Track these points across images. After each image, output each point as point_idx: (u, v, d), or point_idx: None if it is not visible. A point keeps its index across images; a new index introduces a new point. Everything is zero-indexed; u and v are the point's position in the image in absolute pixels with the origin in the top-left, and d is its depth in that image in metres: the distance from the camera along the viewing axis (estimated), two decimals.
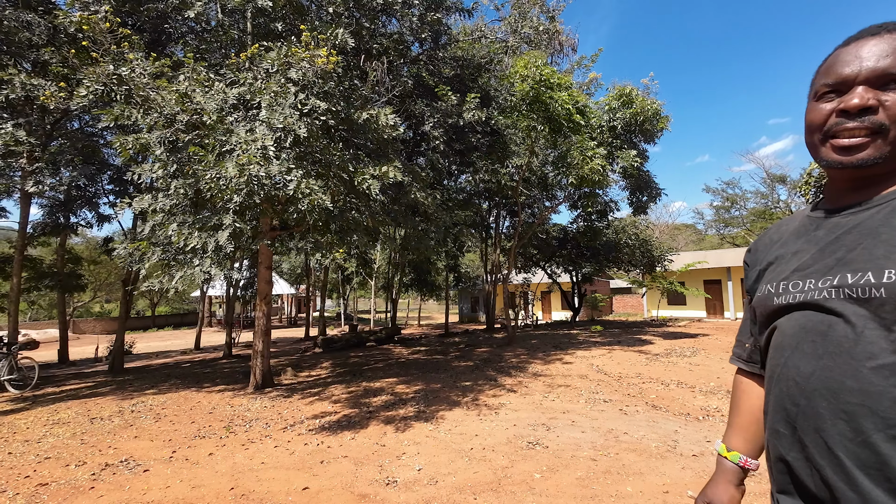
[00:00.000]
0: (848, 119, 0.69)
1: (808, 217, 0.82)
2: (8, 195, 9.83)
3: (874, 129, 0.67)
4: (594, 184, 9.30)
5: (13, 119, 7.83)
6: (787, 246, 0.82)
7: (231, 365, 10.53)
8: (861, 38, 0.71)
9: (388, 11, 7.93)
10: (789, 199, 28.59)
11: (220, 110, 5.45)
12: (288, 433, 4.64)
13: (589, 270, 18.90)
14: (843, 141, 0.70)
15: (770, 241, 0.88)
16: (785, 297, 0.75)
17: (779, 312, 0.76)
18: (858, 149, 0.69)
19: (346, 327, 21.26)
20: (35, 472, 3.78)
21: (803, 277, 0.73)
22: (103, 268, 23.86)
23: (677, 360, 8.16)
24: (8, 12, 7.76)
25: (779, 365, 0.74)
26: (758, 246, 0.91)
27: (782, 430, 0.71)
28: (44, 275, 11.34)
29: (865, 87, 0.68)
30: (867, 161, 0.68)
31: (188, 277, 5.48)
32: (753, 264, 0.90)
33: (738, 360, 0.97)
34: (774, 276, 0.80)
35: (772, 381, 0.76)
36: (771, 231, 0.91)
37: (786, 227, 0.87)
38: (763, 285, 0.82)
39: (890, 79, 0.67)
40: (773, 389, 0.75)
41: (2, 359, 7.59)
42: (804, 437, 0.67)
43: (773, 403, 0.74)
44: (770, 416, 0.75)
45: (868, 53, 0.69)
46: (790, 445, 0.70)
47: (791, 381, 0.70)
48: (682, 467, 3.41)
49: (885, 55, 0.68)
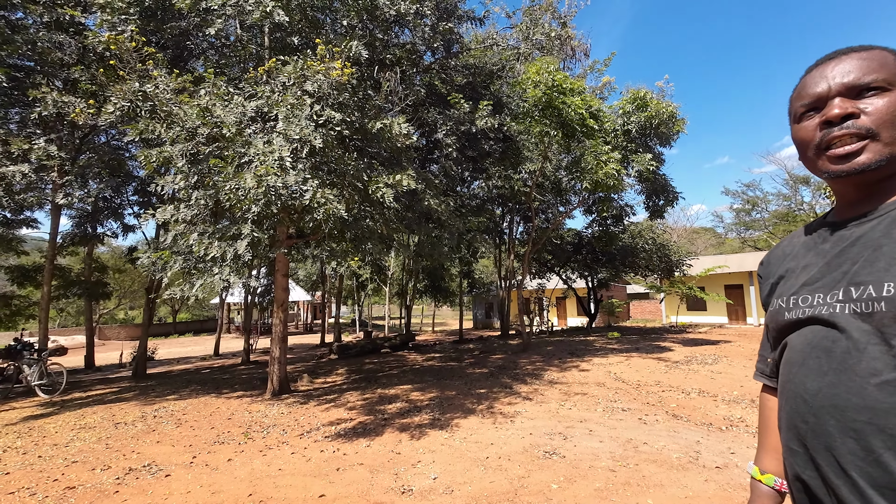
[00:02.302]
0: (832, 128, 0.70)
1: (817, 229, 0.81)
2: (40, 207, 10.29)
3: (863, 134, 0.68)
4: (609, 188, 9.18)
5: (45, 135, 8.21)
6: (798, 259, 0.81)
7: (249, 371, 10.69)
8: (822, 62, 0.75)
9: (401, 22, 8.06)
10: (813, 201, 27.68)
11: (238, 123, 5.60)
12: (304, 440, 4.68)
13: (605, 276, 18.63)
14: (837, 150, 0.70)
15: (782, 253, 0.87)
16: (795, 311, 0.75)
17: (790, 328, 0.76)
18: (854, 155, 0.69)
19: (360, 334, 21.39)
20: (63, 475, 3.91)
21: (812, 292, 0.73)
22: (127, 276, 24.60)
23: (698, 368, 7.95)
24: (42, 34, 8.19)
25: (788, 381, 0.74)
26: (770, 259, 0.91)
27: (796, 448, 0.71)
28: (72, 283, 11.76)
29: (842, 98, 0.70)
30: (867, 166, 0.68)
31: (208, 285, 5.61)
32: (766, 277, 0.89)
33: (762, 375, 0.95)
34: (785, 290, 0.80)
35: (783, 397, 0.76)
36: (783, 243, 0.90)
37: (797, 240, 0.86)
38: (775, 300, 0.82)
39: (861, 88, 0.69)
40: (784, 406, 0.75)
41: (33, 364, 7.89)
42: (816, 456, 0.66)
43: (784, 420, 0.74)
44: (784, 434, 0.75)
45: (833, 72, 0.72)
46: (805, 464, 0.69)
47: (799, 399, 0.70)
48: (705, 480, 3.31)
49: (850, 71, 0.71)
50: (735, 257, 21.31)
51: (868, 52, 0.71)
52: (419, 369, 9.44)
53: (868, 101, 0.69)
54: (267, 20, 6.10)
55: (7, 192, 7.84)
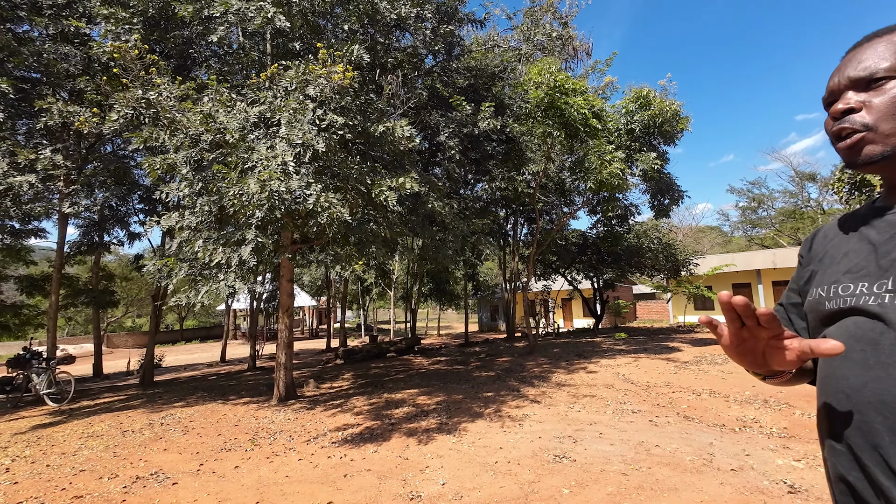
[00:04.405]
0: (836, 122, 0.73)
1: (863, 215, 0.77)
2: (47, 217, 10.39)
3: (860, 128, 0.70)
4: (613, 188, 9.12)
5: (52, 144, 8.29)
6: (840, 246, 0.78)
7: (255, 377, 10.69)
8: (852, 49, 0.76)
9: (402, 26, 8.08)
10: (820, 198, 27.43)
11: (241, 129, 5.62)
12: (311, 446, 4.64)
13: (611, 276, 18.50)
14: (842, 143, 0.72)
15: (825, 236, 0.83)
16: (836, 301, 0.71)
17: (832, 318, 0.72)
18: (856, 146, 0.70)
19: (366, 338, 21.37)
20: (71, 484, 3.90)
21: (854, 280, 0.69)
22: (134, 284, 24.79)
23: (708, 368, 7.84)
24: (48, 45, 8.29)
25: (826, 377, 0.70)
26: (814, 242, 0.86)
27: (838, 447, 0.66)
28: (80, 292, 11.84)
29: (854, 92, 0.72)
30: (870, 158, 0.69)
31: (213, 292, 5.61)
32: (807, 262, 0.85)
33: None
34: (825, 278, 0.76)
35: (822, 394, 0.71)
36: (828, 226, 0.86)
37: (842, 224, 0.82)
38: (814, 288, 0.78)
39: (868, 81, 0.70)
40: (823, 403, 0.71)
41: (41, 373, 7.93)
42: (862, 456, 0.62)
43: (824, 417, 0.70)
44: (824, 432, 0.70)
45: (847, 65, 0.74)
46: (850, 465, 0.65)
47: (841, 394, 0.66)
48: (720, 483, 3.23)
49: (861, 62, 0.72)
50: (742, 255, 21.10)
51: (894, 35, 0.70)
52: (425, 373, 9.39)
53: (873, 92, 0.70)
54: (269, 26, 6.13)
55: (15, 202, 7.91)
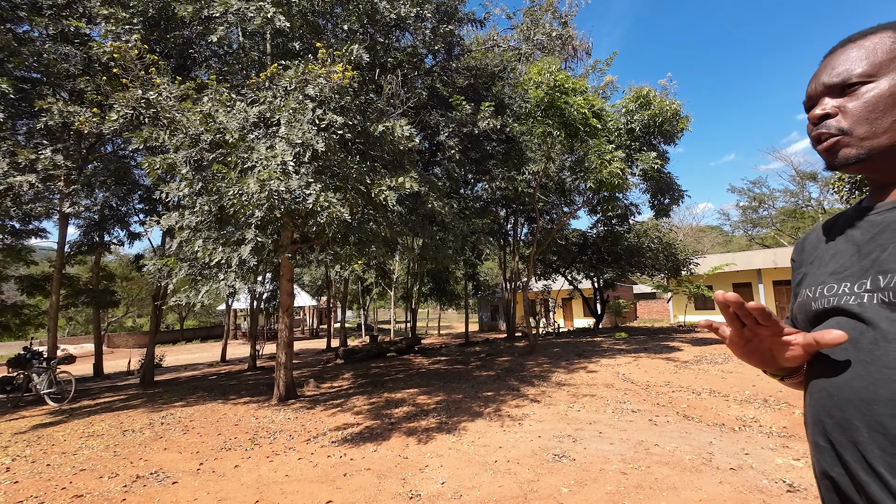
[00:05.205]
0: (815, 126, 0.75)
1: (850, 216, 0.79)
2: (48, 217, 10.40)
3: (835, 133, 0.72)
4: (613, 187, 9.12)
5: (52, 144, 8.30)
6: (829, 248, 0.79)
7: (255, 377, 10.70)
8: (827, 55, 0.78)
9: (402, 26, 8.08)
10: (821, 197, 27.39)
11: (241, 129, 5.62)
12: (311, 445, 4.65)
13: (611, 276, 18.50)
14: (820, 146, 0.75)
15: (817, 238, 0.85)
16: (821, 301, 0.73)
17: (818, 318, 0.74)
18: (832, 149, 0.73)
19: (366, 338, 21.38)
20: (71, 483, 3.90)
21: (838, 281, 0.71)
22: (135, 284, 24.80)
23: (708, 368, 7.83)
24: (48, 45, 8.30)
25: (813, 375, 0.72)
26: (804, 245, 0.88)
27: (822, 444, 0.68)
28: (80, 292, 11.85)
29: (830, 97, 0.74)
30: (847, 160, 0.71)
31: (214, 291, 5.62)
32: (799, 264, 0.87)
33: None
34: (814, 279, 0.78)
35: (808, 392, 0.74)
36: (817, 229, 0.88)
37: (830, 226, 0.84)
38: (803, 290, 0.80)
39: (843, 86, 0.72)
40: (809, 401, 0.73)
41: (42, 373, 7.94)
42: (843, 452, 0.64)
43: (810, 415, 0.72)
44: (810, 429, 0.72)
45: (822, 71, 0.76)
46: (832, 461, 0.66)
47: (824, 392, 0.68)
48: (719, 482, 3.23)
49: (835, 68, 0.74)
50: (742, 255, 21.07)
51: (866, 40, 0.72)
52: (425, 373, 9.39)
53: (849, 97, 0.71)
54: (268, 26, 6.13)
55: (15, 202, 7.92)
